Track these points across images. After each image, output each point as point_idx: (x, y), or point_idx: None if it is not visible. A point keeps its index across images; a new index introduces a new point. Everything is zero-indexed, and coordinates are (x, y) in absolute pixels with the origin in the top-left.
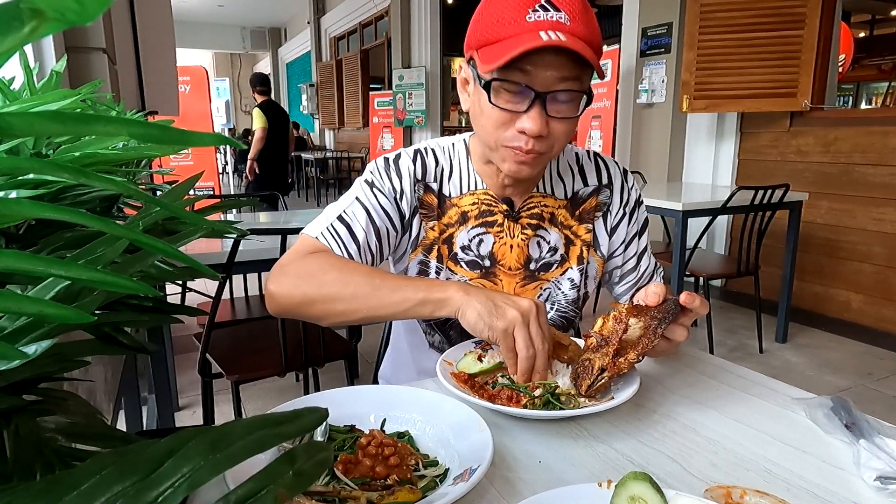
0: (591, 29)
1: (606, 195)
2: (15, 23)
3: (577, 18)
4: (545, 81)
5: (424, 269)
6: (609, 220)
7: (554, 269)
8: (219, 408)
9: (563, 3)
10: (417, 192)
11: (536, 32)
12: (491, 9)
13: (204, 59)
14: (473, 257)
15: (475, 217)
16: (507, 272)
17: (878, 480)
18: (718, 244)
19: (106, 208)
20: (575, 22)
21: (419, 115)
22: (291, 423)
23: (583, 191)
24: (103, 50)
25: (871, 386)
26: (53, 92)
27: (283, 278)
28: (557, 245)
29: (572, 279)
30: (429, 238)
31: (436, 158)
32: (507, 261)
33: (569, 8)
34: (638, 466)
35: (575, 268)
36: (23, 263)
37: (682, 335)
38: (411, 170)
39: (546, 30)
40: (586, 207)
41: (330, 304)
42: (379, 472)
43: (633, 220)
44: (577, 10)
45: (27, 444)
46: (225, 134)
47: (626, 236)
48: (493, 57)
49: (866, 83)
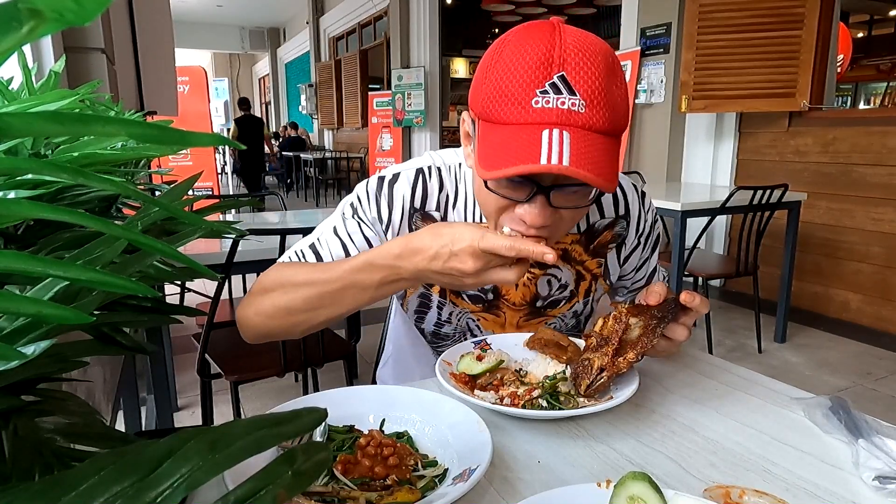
0: (612, 113)
1: (623, 226)
2: (13, 23)
3: (596, 103)
4: (549, 176)
5: (426, 301)
6: (623, 252)
7: (562, 306)
8: (218, 408)
9: (580, 83)
10: (415, 221)
11: (539, 134)
12: (498, 73)
13: (203, 60)
14: (476, 291)
15: None
16: (510, 307)
17: (876, 480)
18: (717, 244)
19: (104, 208)
20: (592, 108)
21: (418, 115)
22: (290, 424)
23: (599, 223)
24: (102, 50)
25: (869, 386)
26: (52, 92)
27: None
28: (568, 282)
29: (577, 311)
30: None
31: (440, 182)
32: (511, 297)
33: (587, 89)
34: (637, 466)
35: (581, 301)
36: (21, 264)
37: (682, 334)
38: (406, 197)
39: (552, 126)
40: (601, 241)
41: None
42: (378, 473)
43: (647, 244)
44: (598, 90)
45: (26, 444)
46: (224, 134)
47: (638, 262)
48: (487, 160)
49: (865, 83)
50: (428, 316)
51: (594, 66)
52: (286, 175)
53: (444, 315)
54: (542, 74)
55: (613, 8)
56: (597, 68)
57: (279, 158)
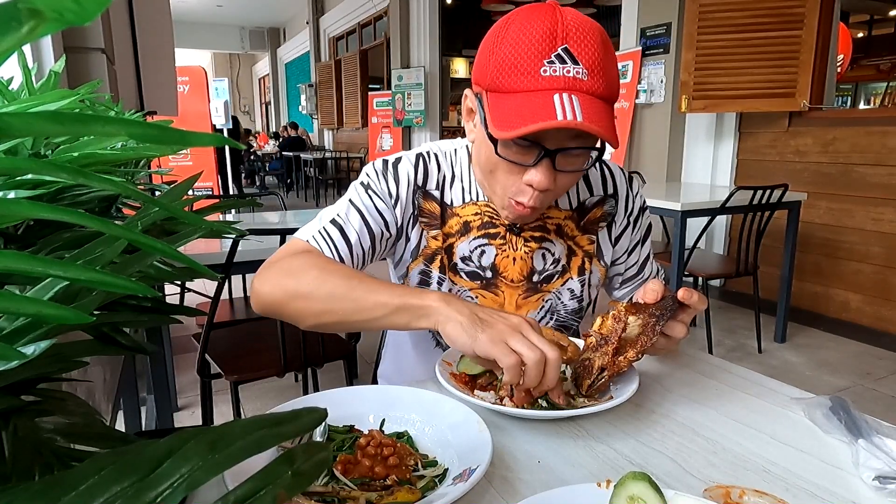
0: (609, 82)
1: (612, 205)
2: (13, 23)
3: (596, 72)
4: (557, 140)
5: (426, 278)
6: (613, 231)
7: (555, 280)
8: (218, 408)
9: (582, 53)
10: (417, 199)
11: (551, 97)
12: (505, 48)
13: (203, 60)
14: (474, 268)
15: (477, 228)
16: (509, 284)
17: (876, 480)
18: (717, 244)
19: (104, 208)
20: (593, 77)
21: (418, 115)
22: (290, 424)
23: (589, 200)
24: (102, 50)
25: (869, 386)
26: (52, 92)
27: (267, 275)
28: (561, 256)
29: (572, 290)
30: (431, 247)
31: (438, 165)
32: (509, 273)
33: (588, 59)
34: (637, 466)
35: (575, 279)
36: (21, 264)
37: (681, 332)
38: (411, 175)
39: (562, 91)
40: (591, 218)
41: (306, 301)
42: (378, 473)
43: (637, 227)
44: (597, 61)
45: (26, 444)
46: (223, 134)
47: (629, 244)
48: (503, 122)
49: (865, 83)
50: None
51: (592, 40)
52: (286, 175)
53: (443, 290)
54: (548, 47)
55: (613, 8)
56: (595, 42)
57: (279, 158)
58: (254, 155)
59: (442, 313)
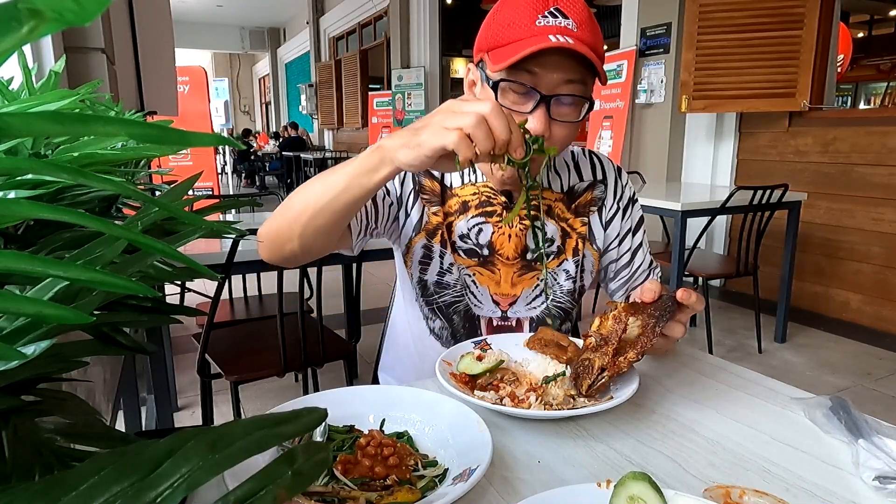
0: (595, 37)
1: (601, 190)
2: (13, 23)
3: (584, 26)
4: (551, 84)
5: (428, 252)
6: (604, 215)
7: (550, 260)
8: (218, 408)
9: (571, 11)
10: (418, 175)
11: (545, 35)
12: (502, 14)
13: (203, 60)
14: (472, 246)
15: (475, 207)
16: (504, 261)
17: (876, 480)
18: (717, 244)
19: (105, 209)
20: (581, 29)
21: (418, 115)
22: (290, 424)
23: (578, 185)
24: (102, 50)
25: (869, 386)
26: (52, 92)
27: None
28: (554, 237)
29: (568, 271)
30: (432, 223)
31: None
32: (505, 250)
33: (576, 16)
34: (637, 466)
35: (570, 260)
36: (21, 264)
37: (679, 332)
38: None
39: (554, 34)
40: (581, 202)
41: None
42: (378, 473)
43: (627, 216)
44: (584, 18)
45: (26, 444)
46: (224, 134)
47: (620, 231)
48: (503, 57)
49: (865, 83)
50: (431, 266)
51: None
52: (286, 175)
53: (445, 263)
54: (541, 6)
55: (613, 8)
56: (582, 4)
57: (279, 158)
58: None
59: (388, 147)
